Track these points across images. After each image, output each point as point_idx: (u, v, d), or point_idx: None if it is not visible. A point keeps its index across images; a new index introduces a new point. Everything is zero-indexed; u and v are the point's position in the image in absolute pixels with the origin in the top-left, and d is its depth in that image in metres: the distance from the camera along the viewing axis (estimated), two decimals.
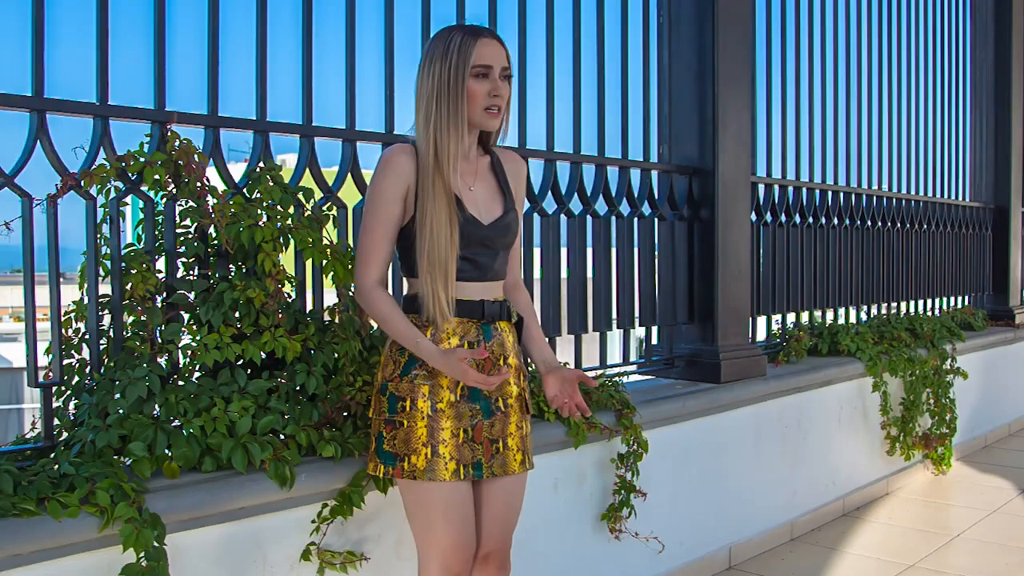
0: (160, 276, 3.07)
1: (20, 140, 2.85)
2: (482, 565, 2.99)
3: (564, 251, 4.50)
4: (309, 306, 3.47)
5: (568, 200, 4.49)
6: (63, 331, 2.98)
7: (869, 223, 6.86)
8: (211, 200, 3.10)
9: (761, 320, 5.87)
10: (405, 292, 3.01)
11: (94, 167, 2.95)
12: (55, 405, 2.97)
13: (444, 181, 2.82)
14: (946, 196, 8.06)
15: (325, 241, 3.29)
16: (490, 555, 3.00)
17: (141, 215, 3.10)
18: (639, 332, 5.04)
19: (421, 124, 2.85)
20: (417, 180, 2.84)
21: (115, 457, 2.77)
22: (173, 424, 2.90)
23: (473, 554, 2.94)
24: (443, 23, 3.82)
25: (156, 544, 2.58)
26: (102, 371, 2.96)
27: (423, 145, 2.85)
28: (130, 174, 3.03)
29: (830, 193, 6.42)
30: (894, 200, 7.21)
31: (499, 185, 3.02)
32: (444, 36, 2.86)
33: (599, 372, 4.48)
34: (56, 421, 2.97)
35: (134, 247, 3.07)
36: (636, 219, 4.88)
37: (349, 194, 3.59)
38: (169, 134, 3.08)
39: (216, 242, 3.14)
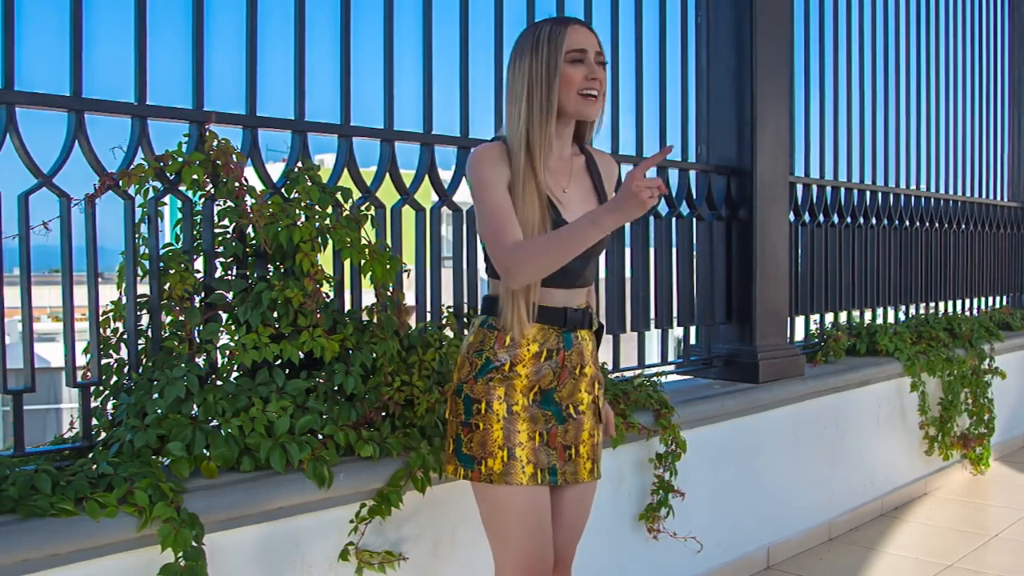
0: (198, 276, 3.02)
1: (58, 140, 2.82)
2: None
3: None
4: (347, 306, 3.40)
5: None
6: (101, 331, 2.94)
7: (907, 223, 6.73)
8: (249, 200, 3.03)
9: (799, 320, 5.78)
10: (487, 292, 2.84)
11: (132, 167, 2.90)
12: (93, 405, 2.93)
13: (537, 181, 2.64)
14: (984, 196, 7.89)
15: (363, 241, 3.23)
16: (555, 564, 2.86)
17: (179, 215, 3.05)
18: (677, 332, 4.97)
19: (513, 120, 2.67)
20: (510, 177, 2.65)
21: (153, 457, 2.72)
22: (211, 424, 2.85)
23: (552, 563, 2.79)
24: (481, 23, 3.79)
25: (194, 544, 2.55)
26: (140, 371, 2.91)
27: (515, 143, 2.66)
28: (168, 174, 2.98)
29: (868, 193, 6.31)
30: (932, 200, 7.07)
31: (594, 187, 2.84)
32: (532, 30, 2.70)
33: (637, 372, 4.41)
34: (94, 421, 2.93)
35: (172, 247, 3.02)
36: (674, 219, 4.80)
37: (387, 194, 3.53)
38: (207, 134, 3.04)
39: (254, 242, 3.09)
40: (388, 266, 3.23)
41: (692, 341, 5.06)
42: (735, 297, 5.03)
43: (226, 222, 3.07)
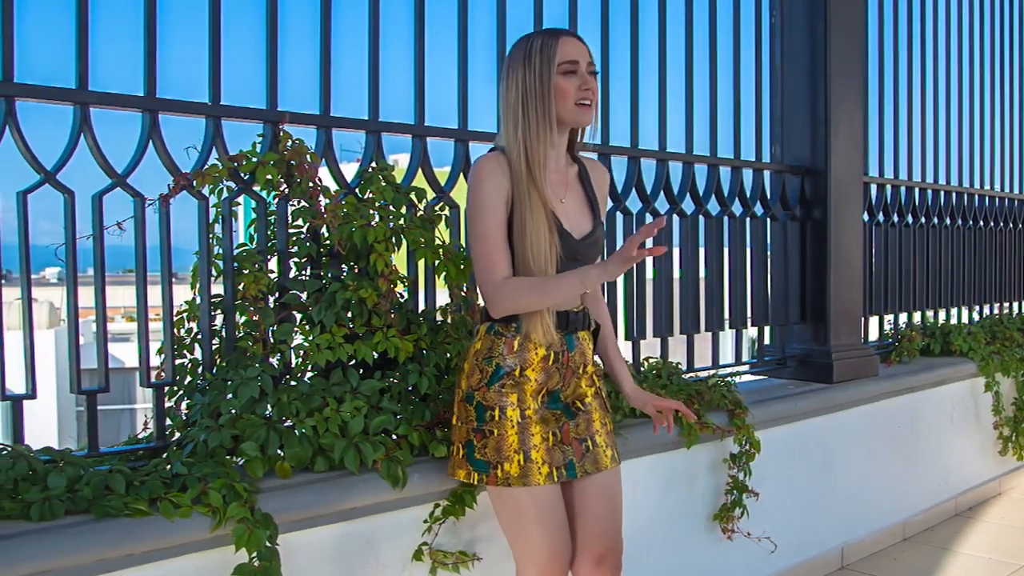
0: (272, 276, 2.93)
1: (133, 140, 2.74)
2: (597, 567, 2.78)
3: (676, 251, 4.28)
4: (421, 306, 3.30)
5: (680, 200, 4.27)
6: (175, 331, 2.86)
7: (981, 223, 6.48)
8: (323, 200, 2.94)
9: (873, 320, 5.58)
10: None
11: (206, 167, 2.82)
12: (167, 405, 2.86)
13: (539, 191, 2.62)
14: None
15: (437, 241, 3.13)
16: (605, 556, 2.78)
17: (253, 215, 2.97)
18: (751, 332, 4.83)
19: (510, 132, 2.65)
20: (512, 188, 2.63)
21: (227, 457, 2.64)
22: (285, 424, 2.75)
23: (570, 560, 2.75)
24: (555, 22, 3.67)
25: (268, 544, 2.47)
26: (214, 371, 2.83)
27: (514, 154, 2.63)
28: (242, 174, 2.89)
29: (942, 193, 6.07)
30: (1007, 200, 6.79)
31: (587, 197, 2.81)
32: (523, 43, 2.68)
33: (712, 372, 4.27)
34: (168, 421, 2.86)
35: (246, 247, 2.94)
36: (748, 219, 4.62)
37: (461, 194, 3.41)
38: (281, 134, 2.95)
39: (328, 242, 2.97)
40: (462, 266, 3.13)
41: (766, 341, 4.92)
42: (809, 297, 4.86)
43: (300, 222, 2.99)
